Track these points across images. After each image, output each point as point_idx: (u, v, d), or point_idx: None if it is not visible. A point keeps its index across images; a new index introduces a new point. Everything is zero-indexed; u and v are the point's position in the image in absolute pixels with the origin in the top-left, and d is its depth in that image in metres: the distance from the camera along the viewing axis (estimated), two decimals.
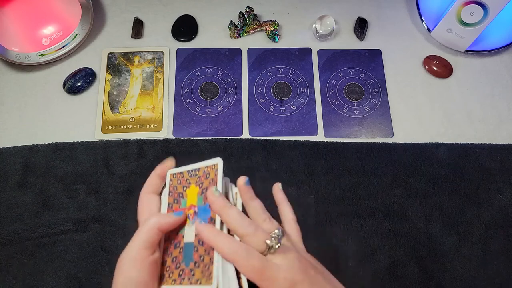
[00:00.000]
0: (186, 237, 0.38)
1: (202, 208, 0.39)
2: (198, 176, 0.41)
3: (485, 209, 0.62)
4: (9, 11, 0.67)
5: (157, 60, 0.72)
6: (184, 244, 0.38)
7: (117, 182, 0.62)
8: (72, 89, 0.68)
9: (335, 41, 0.75)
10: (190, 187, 0.41)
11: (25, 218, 0.60)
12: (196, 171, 0.42)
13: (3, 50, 0.65)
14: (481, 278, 0.58)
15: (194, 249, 0.37)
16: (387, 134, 0.68)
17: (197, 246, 0.37)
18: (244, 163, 0.64)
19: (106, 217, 0.60)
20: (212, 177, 0.40)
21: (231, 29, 0.73)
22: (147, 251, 0.35)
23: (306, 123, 0.68)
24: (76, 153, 0.64)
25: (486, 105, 0.71)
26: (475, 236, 0.61)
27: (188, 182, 0.42)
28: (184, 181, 0.42)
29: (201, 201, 0.39)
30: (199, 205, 0.39)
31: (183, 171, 0.43)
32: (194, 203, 0.40)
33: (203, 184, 0.40)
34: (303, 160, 0.65)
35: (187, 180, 0.42)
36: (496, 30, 0.70)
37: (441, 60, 0.73)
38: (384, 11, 0.78)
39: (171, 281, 0.37)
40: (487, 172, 0.65)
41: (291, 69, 0.72)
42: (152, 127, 0.67)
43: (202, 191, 0.40)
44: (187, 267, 0.37)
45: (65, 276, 0.57)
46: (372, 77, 0.72)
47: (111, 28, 0.74)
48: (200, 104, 0.69)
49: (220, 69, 0.72)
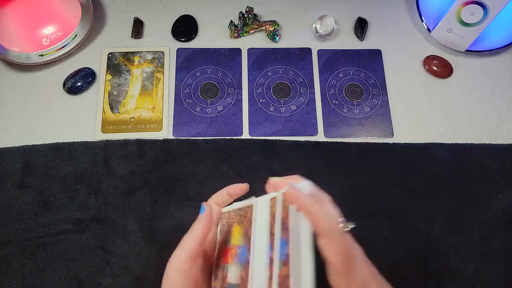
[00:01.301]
0: (229, 277, 0.38)
1: (242, 249, 0.38)
2: (239, 214, 0.41)
3: (485, 209, 0.62)
4: (9, 11, 0.67)
5: (157, 60, 0.72)
6: (227, 284, 0.38)
7: (117, 182, 0.62)
8: (72, 89, 0.68)
9: (335, 41, 0.75)
10: (234, 226, 0.41)
11: (25, 218, 0.60)
12: (240, 210, 0.42)
13: (3, 50, 0.65)
14: (481, 278, 0.58)
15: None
16: (387, 134, 0.68)
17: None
18: (244, 163, 0.64)
19: (106, 217, 0.60)
20: (249, 217, 0.39)
21: (231, 29, 0.73)
22: (191, 262, 0.37)
23: (306, 123, 0.68)
24: (76, 153, 0.64)
25: (486, 105, 0.71)
26: (475, 236, 0.61)
27: (232, 220, 0.42)
28: (230, 219, 0.43)
29: (242, 242, 0.39)
30: (239, 246, 0.39)
31: (229, 210, 0.43)
32: (237, 243, 0.40)
33: (243, 224, 0.40)
34: (303, 160, 0.65)
35: (232, 218, 0.42)
36: (496, 30, 0.70)
37: (441, 60, 0.73)
38: (384, 11, 0.78)
39: None
40: (487, 172, 0.65)
41: (291, 69, 0.72)
42: (152, 127, 0.67)
43: (243, 232, 0.39)
44: None
45: (65, 276, 0.57)
46: (372, 77, 0.72)
47: (111, 28, 0.74)
48: (200, 104, 0.69)
49: (220, 69, 0.72)
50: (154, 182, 0.63)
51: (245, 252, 0.37)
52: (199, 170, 0.63)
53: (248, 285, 0.34)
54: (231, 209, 0.43)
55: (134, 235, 0.59)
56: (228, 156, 0.65)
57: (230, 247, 0.40)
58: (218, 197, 0.44)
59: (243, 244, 0.38)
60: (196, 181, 0.63)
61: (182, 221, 0.60)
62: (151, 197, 0.62)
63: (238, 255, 0.38)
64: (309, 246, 0.33)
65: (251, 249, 0.36)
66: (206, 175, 0.63)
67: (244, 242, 0.38)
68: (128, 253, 0.58)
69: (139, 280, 0.57)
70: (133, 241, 0.59)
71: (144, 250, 0.58)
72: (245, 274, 0.36)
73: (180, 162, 0.64)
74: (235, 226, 0.41)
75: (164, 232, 0.60)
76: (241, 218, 0.40)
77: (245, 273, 0.36)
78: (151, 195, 0.62)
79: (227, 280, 0.38)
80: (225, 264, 0.40)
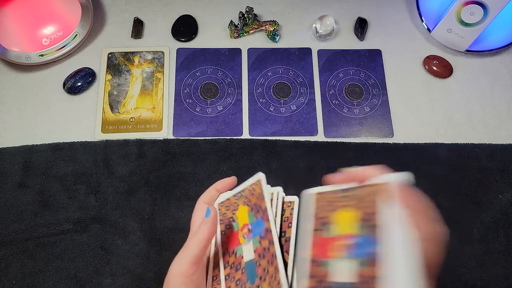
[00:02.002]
0: (245, 256, 0.38)
1: (255, 223, 0.38)
2: (244, 196, 0.40)
3: (485, 209, 0.62)
4: (9, 11, 0.67)
5: (157, 60, 0.72)
6: (245, 264, 0.37)
7: (117, 182, 0.62)
8: (72, 89, 0.68)
9: (335, 41, 0.75)
10: (239, 208, 0.41)
11: (25, 218, 0.60)
12: (241, 193, 0.41)
13: (3, 50, 0.65)
14: (481, 278, 0.58)
15: (257, 265, 0.36)
16: (387, 134, 0.68)
17: (258, 261, 0.36)
18: (244, 163, 0.64)
19: (106, 217, 0.60)
20: (258, 191, 0.38)
21: (231, 29, 0.73)
22: (195, 266, 0.37)
23: (306, 123, 0.68)
24: (76, 153, 0.64)
25: (486, 105, 0.71)
26: (475, 236, 0.61)
27: (236, 204, 0.41)
28: (232, 205, 0.42)
29: (253, 218, 0.38)
30: (252, 222, 0.38)
31: (229, 197, 0.43)
32: (247, 222, 0.39)
33: (251, 201, 0.39)
34: (303, 160, 0.65)
35: (234, 203, 0.42)
36: (496, 30, 0.70)
37: (441, 60, 0.73)
38: (384, 11, 0.78)
39: None
40: (487, 172, 0.65)
41: (291, 69, 0.72)
42: (152, 127, 0.67)
43: (251, 208, 0.39)
44: (253, 284, 0.36)
45: (65, 276, 0.57)
46: (372, 77, 0.72)
47: (111, 28, 0.74)
48: (200, 104, 0.69)
49: (220, 69, 0.72)
50: (154, 182, 0.63)
51: (259, 223, 0.36)
52: (199, 170, 0.63)
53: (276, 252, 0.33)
54: (230, 195, 0.42)
55: (134, 235, 0.59)
56: (228, 156, 0.65)
57: (240, 228, 0.39)
58: (208, 196, 0.44)
59: (255, 219, 0.37)
60: (196, 181, 0.63)
61: (182, 221, 0.60)
62: (151, 197, 0.62)
63: (252, 230, 0.37)
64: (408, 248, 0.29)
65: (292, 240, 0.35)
66: (206, 175, 0.63)
67: (255, 216, 0.37)
68: (128, 253, 0.58)
69: (139, 280, 0.57)
70: (133, 241, 0.59)
71: (144, 250, 0.58)
72: (267, 244, 0.34)
73: (180, 162, 0.64)
74: (241, 208, 0.40)
75: (164, 232, 0.60)
76: (248, 198, 0.39)
77: (267, 243, 0.34)
78: (151, 195, 0.62)
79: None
80: (236, 246, 0.39)
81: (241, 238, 0.39)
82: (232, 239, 0.40)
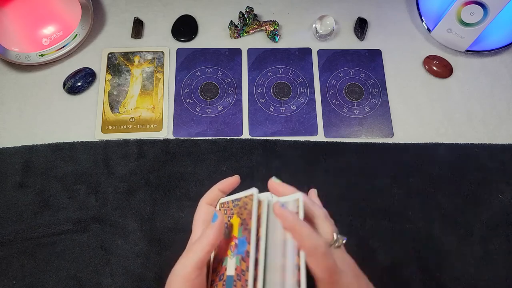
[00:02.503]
0: (228, 269, 0.38)
1: (241, 240, 0.38)
2: (239, 206, 0.40)
3: (485, 209, 0.62)
4: (9, 11, 0.67)
5: (157, 60, 0.72)
6: (226, 276, 0.38)
7: (117, 182, 0.62)
8: (72, 89, 0.68)
9: (335, 41, 0.75)
10: (233, 217, 0.41)
11: (25, 218, 0.60)
12: (237, 201, 0.41)
13: (3, 50, 0.65)
14: (481, 278, 0.58)
15: (233, 284, 0.37)
16: (387, 134, 0.68)
17: (236, 280, 0.36)
18: (244, 163, 0.64)
19: (106, 217, 0.60)
20: (249, 208, 0.38)
21: (231, 29, 0.73)
22: (198, 271, 0.37)
23: (306, 123, 0.68)
24: (76, 153, 0.64)
25: (486, 105, 0.71)
26: (475, 236, 0.61)
27: (232, 212, 0.41)
28: (229, 210, 0.42)
29: (241, 234, 0.38)
30: (239, 238, 0.38)
31: (228, 200, 0.43)
32: (236, 235, 0.39)
33: (243, 215, 0.39)
34: (303, 160, 0.65)
35: (231, 210, 0.42)
36: (496, 30, 0.70)
37: (441, 60, 0.73)
38: (384, 11, 0.78)
39: None
40: (487, 172, 0.65)
41: (291, 69, 0.72)
42: (152, 127, 0.67)
43: (241, 222, 0.39)
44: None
45: (65, 276, 0.57)
46: (372, 77, 0.72)
47: (111, 28, 0.74)
48: (200, 104, 0.69)
49: (220, 69, 0.72)
50: (154, 182, 0.63)
51: (244, 243, 0.37)
52: (199, 170, 0.63)
53: (249, 277, 0.34)
54: (230, 199, 0.42)
55: (134, 235, 0.59)
56: (228, 156, 0.65)
57: (230, 238, 0.39)
58: (210, 196, 0.44)
59: (241, 235, 0.37)
60: (196, 181, 0.63)
61: (182, 221, 0.60)
62: (151, 197, 0.62)
63: (237, 246, 0.38)
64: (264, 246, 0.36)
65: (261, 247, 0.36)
66: (206, 175, 0.63)
67: (242, 233, 0.37)
68: (128, 253, 0.58)
69: (139, 280, 0.57)
70: (133, 241, 0.59)
71: (144, 250, 0.58)
72: (245, 268, 0.35)
73: (180, 162, 0.64)
74: (235, 217, 0.40)
75: (164, 232, 0.60)
76: (241, 210, 0.39)
77: (245, 266, 0.35)
78: (151, 195, 0.62)
79: (226, 273, 0.37)
80: (224, 257, 0.39)
81: (229, 251, 0.39)
82: (223, 246, 0.40)
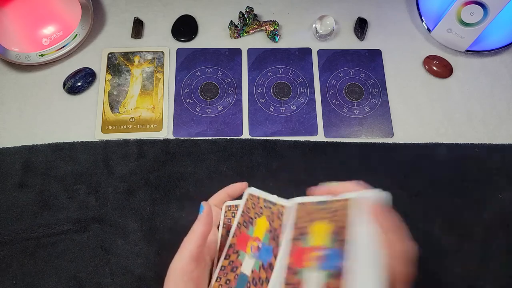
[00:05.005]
0: (243, 267, 0.38)
1: (266, 248, 0.37)
2: (271, 210, 0.39)
3: (485, 209, 0.62)
4: (9, 11, 0.67)
5: (157, 60, 0.72)
6: (240, 272, 0.37)
7: (117, 182, 0.62)
8: (72, 89, 0.68)
9: (335, 41, 0.75)
10: (261, 217, 0.39)
11: (25, 218, 0.60)
12: (271, 204, 0.39)
13: (3, 50, 0.65)
14: (481, 278, 0.58)
15: (247, 285, 0.36)
16: (387, 134, 0.68)
17: (250, 283, 0.36)
18: (244, 163, 0.64)
19: (106, 217, 0.60)
20: (283, 220, 0.37)
21: (231, 29, 0.73)
22: (194, 263, 0.37)
23: (306, 123, 0.68)
24: (76, 153, 0.64)
25: (486, 105, 0.71)
26: (475, 236, 0.61)
27: (261, 211, 0.40)
28: (258, 207, 0.40)
29: (267, 240, 0.37)
30: (264, 243, 0.38)
31: (260, 196, 0.41)
32: (261, 237, 0.38)
33: (273, 223, 0.38)
34: (303, 160, 0.65)
35: (260, 208, 0.40)
36: (496, 30, 0.70)
37: (441, 60, 0.73)
38: (384, 11, 0.78)
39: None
40: (487, 172, 0.65)
41: (291, 69, 0.72)
42: (152, 127, 0.67)
43: (270, 230, 0.38)
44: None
45: (65, 276, 0.57)
46: (372, 77, 0.72)
47: (111, 28, 0.74)
48: (200, 104, 0.69)
49: (220, 69, 0.72)
50: (154, 182, 0.63)
51: (269, 252, 0.36)
52: (199, 170, 0.63)
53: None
54: (261, 196, 0.40)
55: (134, 235, 0.59)
56: (228, 156, 0.65)
57: (253, 237, 0.39)
58: (218, 199, 0.44)
59: (268, 243, 0.37)
60: (196, 181, 0.63)
61: (182, 221, 0.60)
62: (151, 197, 0.62)
63: (260, 250, 0.37)
64: (374, 264, 0.30)
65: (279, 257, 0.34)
66: (206, 175, 0.63)
67: (269, 241, 0.37)
68: (128, 253, 0.58)
69: (139, 280, 0.57)
70: (133, 241, 0.59)
71: (144, 250, 0.58)
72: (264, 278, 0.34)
73: (180, 162, 0.64)
74: (263, 218, 0.39)
75: (164, 232, 0.60)
76: (272, 216, 0.38)
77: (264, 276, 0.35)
78: (151, 195, 0.62)
79: (240, 269, 0.37)
80: (241, 251, 0.39)
81: (248, 249, 0.38)
82: (242, 239, 0.39)
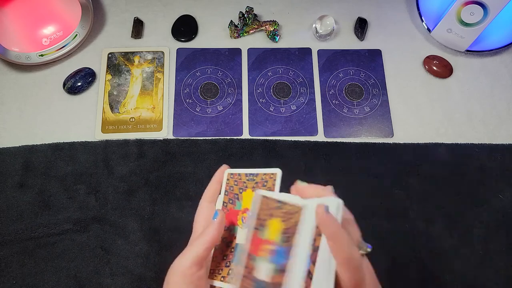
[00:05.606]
0: (238, 238, 0.39)
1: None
2: (255, 181, 0.41)
3: (485, 209, 0.62)
4: (9, 11, 0.67)
5: (157, 60, 0.72)
6: (236, 244, 0.39)
7: (117, 182, 0.62)
8: (72, 89, 0.68)
9: (335, 41, 0.75)
10: (247, 190, 0.41)
11: (25, 218, 0.60)
12: (254, 176, 0.42)
13: (3, 50, 0.65)
14: (481, 278, 0.58)
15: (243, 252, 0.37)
16: (387, 134, 0.68)
17: (245, 251, 0.37)
18: (244, 163, 0.64)
19: (106, 217, 0.60)
20: (269, 186, 0.39)
21: (231, 29, 0.73)
22: (197, 267, 0.37)
23: (306, 123, 0.68)
24: (76, 153, 0.64)
25: (486, 105, 0.71)
26: (475, 236, 0.61)
27: (245, 185, 0.42)
28: (241, 183, 0.42)
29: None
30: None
31: (240, 173, 0.43)
32: (248, 207, 0.40)
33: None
34: (303, 160, 0.65)
35: (244, 182, 0.42)
36: (496, 30, 0.70)
37: (441, 60, 0.73)
38: (384, 11, 0.78)
39: (220, 277, 0.39)
40: (487, 172, 0.65)
41: (291, 69, 0.72)
42: (152, 127, 0.67)
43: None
44: (238, 264, 0.37)
45: (65, 276, 0.57)
46: (372, 77, 0.72)
47: (111, 28, 0.74)
48: (200, 104, 0.69)
49: (220, 69, 0.72)
50: (154, 182, 0.63)
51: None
52: (199, 170, 0.63)
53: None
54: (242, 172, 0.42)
55: (134, 235, 0.59)
56: (228, 156, 0.65)
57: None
58: (210, 193, 0.43)
59: (281, 245, 0.37)
60: (196, 181, 0.63)
61: (182, 221, 0.60)
62: (151, 197, 0.62)
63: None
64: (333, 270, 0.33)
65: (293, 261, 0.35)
66: (206, 175, 0.63)
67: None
68: (128, 253, 0.58)
69: (139, 280, 0.57)
70: (133, 241, 0.59)
71: (144, 250, 0.58)
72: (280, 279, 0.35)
73: (180, 162, 0.64)
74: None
75: (164, 232, 0.60)
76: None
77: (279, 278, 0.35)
78: (151, 195, 0.62)
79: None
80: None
81: (239, 221, 0.40)
82: (231, 215, 0.41)
